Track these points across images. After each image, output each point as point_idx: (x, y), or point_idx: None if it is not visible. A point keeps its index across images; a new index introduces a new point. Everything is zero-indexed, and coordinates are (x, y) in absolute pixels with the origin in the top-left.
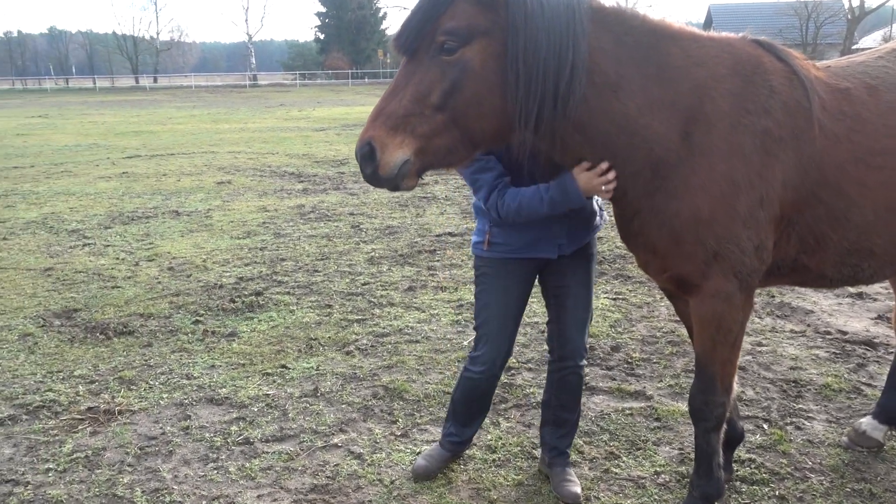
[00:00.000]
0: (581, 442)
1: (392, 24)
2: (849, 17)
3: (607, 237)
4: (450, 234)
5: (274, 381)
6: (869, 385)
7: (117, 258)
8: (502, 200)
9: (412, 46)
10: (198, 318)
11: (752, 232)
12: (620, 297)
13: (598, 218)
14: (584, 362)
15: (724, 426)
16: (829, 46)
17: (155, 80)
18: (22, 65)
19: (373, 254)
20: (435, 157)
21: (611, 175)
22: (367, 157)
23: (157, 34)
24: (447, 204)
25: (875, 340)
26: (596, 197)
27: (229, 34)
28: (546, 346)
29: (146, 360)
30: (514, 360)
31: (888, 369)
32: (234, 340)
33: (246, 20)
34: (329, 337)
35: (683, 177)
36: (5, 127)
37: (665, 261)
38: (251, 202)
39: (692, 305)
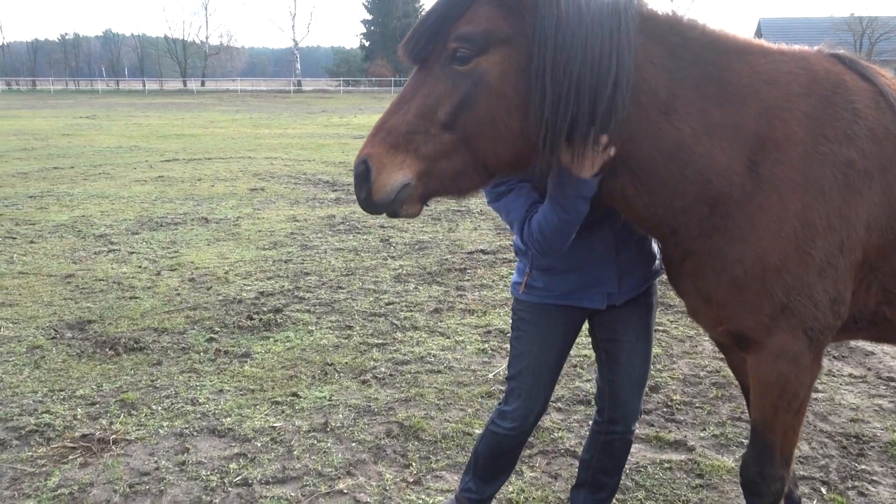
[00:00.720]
0: (613, 499)
1: None
2: None
3: None
4: (482, 251)
5: (282, 412)
6: None
7: (140, 266)
8: (529, 230)
9: (422, 53)
10: (212, 335)
11: (828, 282)
12: (660, 328)
13: (657, 262)
14: (636, 426)
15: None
16: (883, 63)
17: (202, 84)
18: (76, 66)
19: (400, 270)
20: (441, 182)
21: (604, 139)
22: (362, 177)
23: (207, 38)
24: (481, 218)
25: None
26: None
27: (277, 40)
28: (594, 402)
29: (153, 381)
30: None
31: None
32: (246, 362)
33: (293, 26)
34: (346, 363)
35: (749, 215)
36: (53, 127)
37: (721, 311)
38: (282, 211)
39: (751, 364)
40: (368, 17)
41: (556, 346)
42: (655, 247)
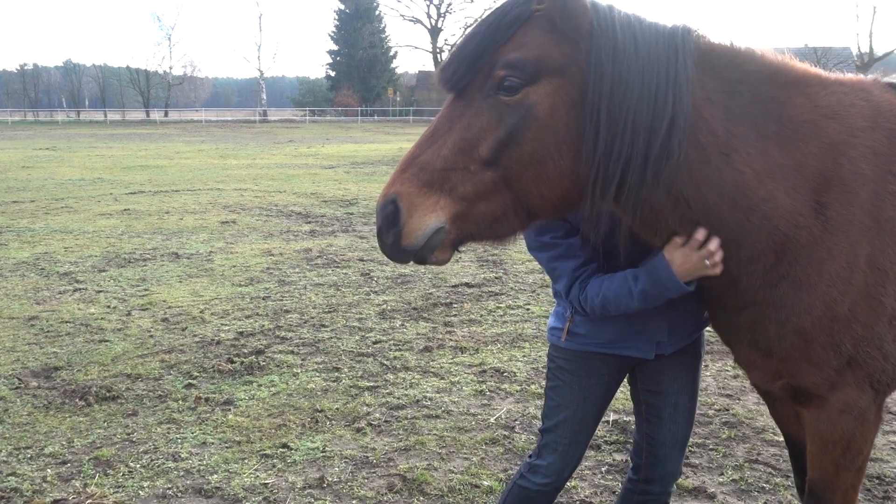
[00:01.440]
0: None
1: (402, 63)
2: (857, 63)
3: None
4: (466, 284)
5: (273, 466)
6: None
7: (108, 306)
8: (584, 295)
9: (462, 81)
10: (191, 380)
11: None
12: None
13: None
14: (675, 488)
15: None
16: None
17: (166, 114)
18: (35, 97)
19: (384, 306)
20: (477, 226)
21: (713, 245)
22: (390, 219)
23: (171, 68)
24: (462, 250)
25: None
26: None
27: (241, 70)
28: (629, 457)
29: (129, 434)
30: None
31: None
32: (229, 410)
33: (258, 56)
34: (337, 408)
35: (817, 261)
36: (11, 159)
37: (782, 365)
38: (255, 245)
39: (811, 420)
40: (334, 47)
41: (596, 399)
42: None
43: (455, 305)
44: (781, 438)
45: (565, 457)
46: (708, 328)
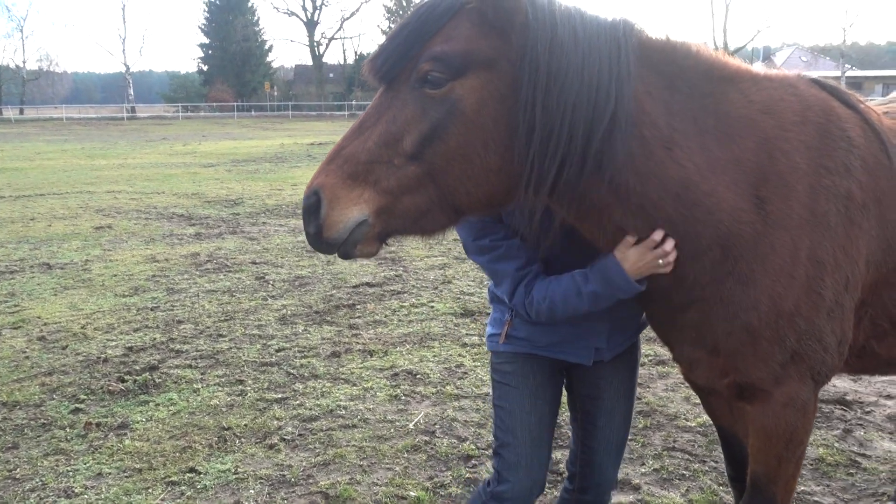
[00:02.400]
0: None
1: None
2: None
3: None
4: (368, 284)
5: (182, 494)
6: (864, 456)
7: None
8: (530, 298)
9: (391, 73)
10: (77, 404)
11: (836, 323)
12: None
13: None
14: (611, 497)
15: None
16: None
17: (21, 112)
18: None
19: (284, 311)
20: (402, 220)
21: (669, 244)
22: (311, 210)
23: (24, 63)
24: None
25: (847, 398)
26: None
27: (105, 64)
28: (563, 466)
29: (11, 471)
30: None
31: (875, 434)
32: (125, 435)
33: (123, 50)
34: (245, 424)
35: (761, 256)
36: None
37: (729, 362)
38: (137, 251)
39: (755, 415)
40: (206, 40)
41: (546, 399)
42: None
43: (358, 307)
44: (694, 424)
45: (529, 472)
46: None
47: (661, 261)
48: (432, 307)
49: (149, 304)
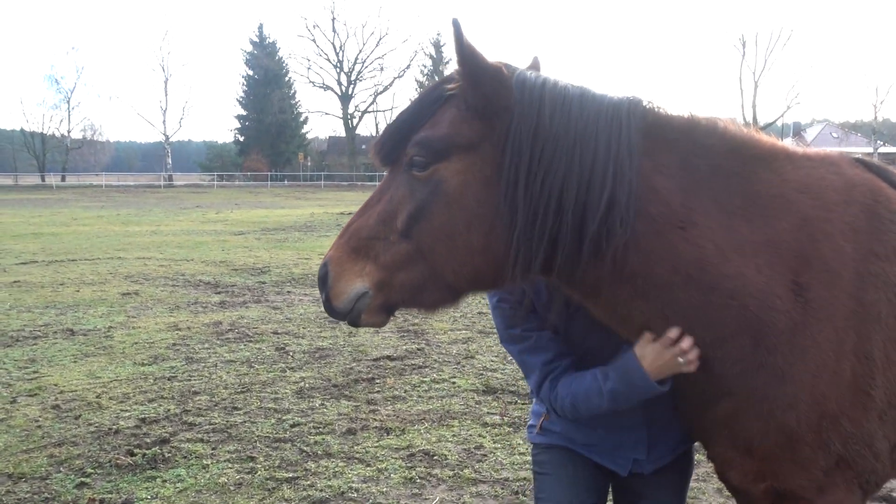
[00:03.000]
0: None
1: (313, 128)
2: None
3: None
4: (388, 357)
5: None
6: None
7: None
8: (555, 393)
9: (390, 156)
10: (83, 478)
11: (889, 427)
12: None
13: None
14: None
15: None
16: None
17: (63, 179)
18: None
19: (302, 384)
20: (401, 294)
21: (685, 343)
22: (322, 281)
23: (69, 132)
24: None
25: (893, 495)
26: None
27: (145, 134)
28: None
29: None
30: None
31: None
32: None
33: (164, 121)
34: None
35: (800, 350)
36: None
37: (766, 466)
38: (160, 318)
39: None
40: (243, 112)
41: (590, 488)
42: None
43: (377, 381)
44: None
45: None
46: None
47: (680, 359)
48: (454, 383)
49: (167, 374)
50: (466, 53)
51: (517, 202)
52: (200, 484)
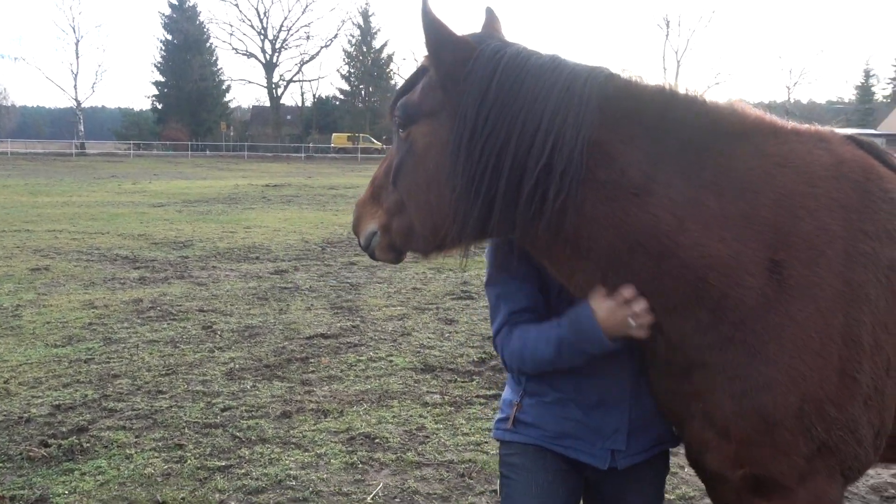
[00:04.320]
0: None
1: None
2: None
3: None
4: (322, 335)
5: None
6: None
7: None
8: (509, 338)
9: (392, 118)
10: None
11: (873, 413)
12: None
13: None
14: None
15: None
16: None
17: None
18: None
19: (232, 364)
20: (397, 237)
21: (637, 306)
22: (354, 222)
23: None
24: (313, 297)
25: None
26: None
27: (54, 99)
28: None
29: None
30: None
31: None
32: None
33: (74, 85)
34: (183, 498)
35: (776, 328)
36: None
37: (743, 450)
38: (74, 296)
39: None
40: (161, 78)
41: (562, 498)
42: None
43: (312, 360)
44: (673, 496)
45: None
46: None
47: (631, 321)
48: (391, 361)
49: (83, 356)
50: (430, 27)
51: (458, 166)
52: (124, 476)
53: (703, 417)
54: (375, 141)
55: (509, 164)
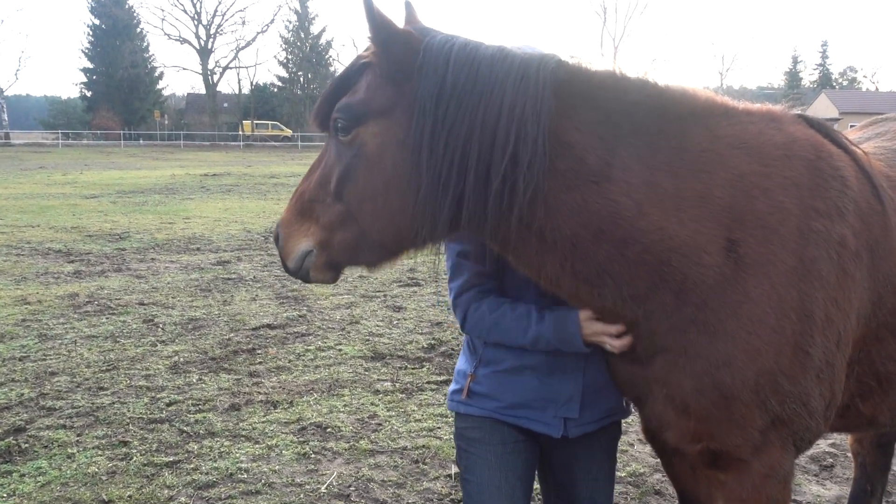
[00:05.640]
0: None
1: (170, 85)
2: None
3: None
4: (269, 325)
5: None
6: (795, 502)
7: None
8: (478, 304)
9: (325, 123)
10: None
11: (825, 385)
12: None
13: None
14: None
15: None
16: None
17: None
18: None
19: (176, 358)
20: (340, 253)
21: (622, 342)
22: (276, 241)
23: None
24: (258, 287)
25: None
26: None
27: None
28: None
29: None
30: None
31: (801, 477)
32: None
33: None
34: (130, 496)
35: (733, 306)
36: None
37: (701, 426)
38: (5, 291)
39: (729, 485)
40: (89, 65)
41: (519, 472)
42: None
43: (259, 351)
44: (623, 473)
45: None
46: None
47: (608, 341)
48: (340, 350)
49: (17, 353)
50: (376, 20)
51: (422, 164)
52: (66, 476)
53: (666, 399)
54: (284, 128)
55: (475, 158)
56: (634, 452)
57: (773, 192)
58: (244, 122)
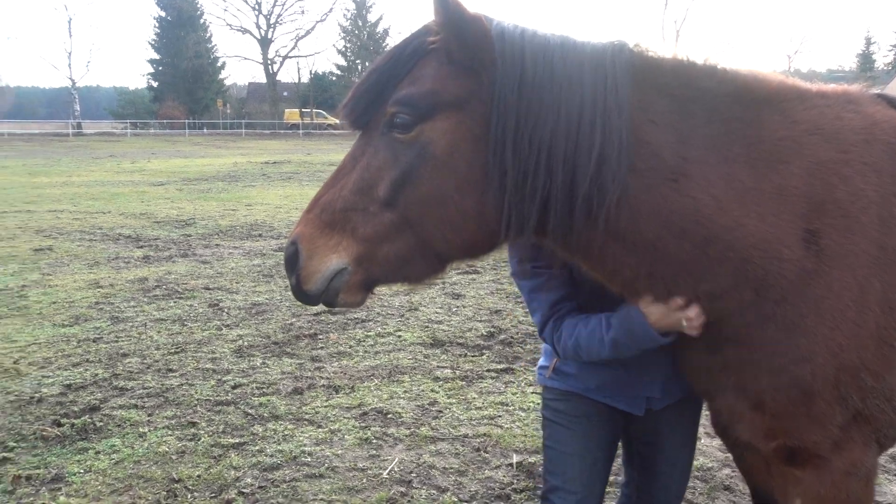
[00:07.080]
0: None
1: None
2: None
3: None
4: (330, 311)
5: None
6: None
7: None
8: (558, 334)
9: (363, 118)
10: (6, 453)
11: None
12: None
13: None
14: None
15: None
16: None
17: None
18: None
19: (240, 342)
20: (384, 268)
21: (692, 311)
22: (291, 261)
23: None
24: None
25: None
26: None
27: (49, 79)
28: None
29: None
30: None
31: (882, 477)
32: (59, 490)
33: (69, 64)
34: (198, 475)
35: (814, 300)
36: None
37: (778, 423)
38: (79, 275)
39: (807, 483)
40: (156, 56)
41: (602, 444)
42: None
43: (320, 336)
44: None
45: None
46: None
47: (685, 323)
48: (399, 336)
49: (91, 335)
50: (448, 3)
51: (506, 162)
52: (138, 454)
53: (735, 390)
54: (328, 115)
55: (562, 155)
56: (702, 446)
57: (854, 179)
58: (287, 110)
